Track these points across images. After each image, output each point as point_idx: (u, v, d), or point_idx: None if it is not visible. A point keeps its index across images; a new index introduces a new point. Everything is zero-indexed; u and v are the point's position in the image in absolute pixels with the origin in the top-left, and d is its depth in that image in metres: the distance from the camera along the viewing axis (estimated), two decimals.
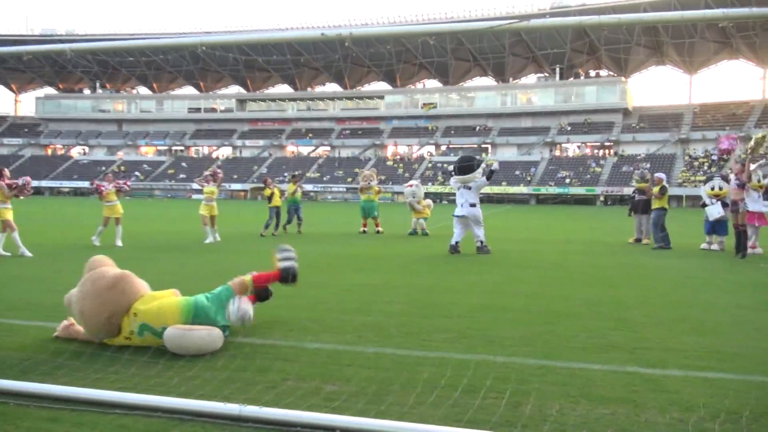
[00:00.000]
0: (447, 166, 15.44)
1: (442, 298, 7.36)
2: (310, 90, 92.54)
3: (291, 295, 7.29)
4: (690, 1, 54.41)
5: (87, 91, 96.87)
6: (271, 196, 17.66)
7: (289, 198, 18.29)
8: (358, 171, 71.88)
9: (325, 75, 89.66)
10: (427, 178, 68.72)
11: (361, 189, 19.15)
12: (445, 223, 20.67)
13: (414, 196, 18.36)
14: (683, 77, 79.98)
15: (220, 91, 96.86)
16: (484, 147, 77.43)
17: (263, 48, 77.19)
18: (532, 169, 71.01)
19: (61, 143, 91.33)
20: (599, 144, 74.45)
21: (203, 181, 16.04)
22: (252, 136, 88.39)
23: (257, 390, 3.90)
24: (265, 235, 16.67)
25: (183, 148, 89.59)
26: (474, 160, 13.50)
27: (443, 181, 60.36)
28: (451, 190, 15.27)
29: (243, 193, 76.11)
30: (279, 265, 5.69)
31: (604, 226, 24.39)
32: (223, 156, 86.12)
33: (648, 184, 15.48)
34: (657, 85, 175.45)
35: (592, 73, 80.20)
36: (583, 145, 75.63)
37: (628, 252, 13.65)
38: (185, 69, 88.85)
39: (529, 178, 69.23)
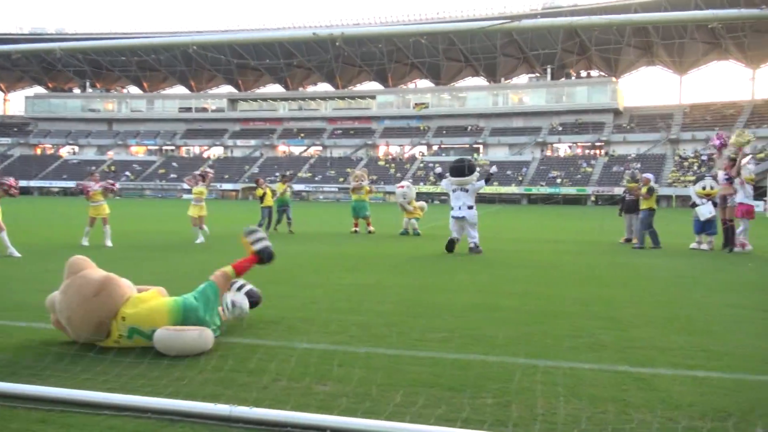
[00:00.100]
0: (435, 168, 15.36)
1: (433, 297, 7.36)
2: (301, 90, 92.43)
3: (282, 295, 7.29)
4: (680, 2, 54.71)
5: (77, 91, 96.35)
6: (263, 196, 17.65)
7: (278, 198, 18.26)
8: (349, 171, 72.00)
9: (316, 75, 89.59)
10: (419, 178, 68.81)
11: (353, 189, 19.10)
12: (437, 223, 20.68)
13: (405, 197, 18.34)
14: (673, 78, 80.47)
15: (211, 90, 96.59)
16: (475, 147, 77.62)
17: (255, 48, 77.06)
18: (524, 169, 71.23)
19: (51, 143, 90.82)
20: (590, 144, 74.78)
21: (192, 181, 15.90)
22: (243, 135, 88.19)
23: (248, 390, 3.89)
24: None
25: (174, 147, 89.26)
26: (469, 162, 13.54)
27: (435, 181, 60.42)
28: (443, 191, 15.29)
29: (234, 193, 75.92)
30: (254, 248, 5.65)
31: (595, 225, 24.47)
32: (214, 156, 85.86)
33: (637, 185, 15.54)
34: (647, 86, 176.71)
35: (583, 73, 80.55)
36: (574, 145, 75.94)
37: (619, 252, 13.71)
38: (176, 68, 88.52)
39: (520, 178, 69.45)
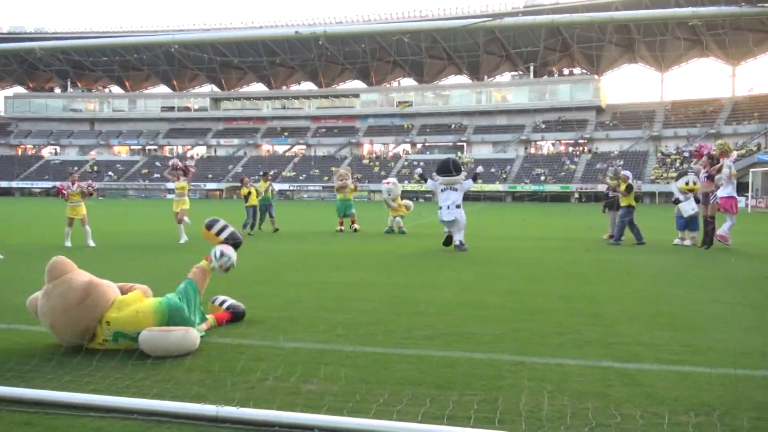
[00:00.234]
0: (417, 166, 15.39)
1: (419, 295, 7.38)
2: (285, 89, 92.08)
3: (268, 294, 7.27)
4: (661, 0, 55.18)
5: (58, 90, 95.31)
6: (248, 195, 17.53)
7: (262, 196, 18.18)
8: (333, 170, 71.85)
9: (300, 73, 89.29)
10: (404, 176, 68.84)
11: (338, 188, 19.02)
12: (423, 221, 20.73)
13: (389, 194, 18.38)
14: (655, 75, 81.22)
15: (194, 89, 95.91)
16: (459, 145, 77.79)
17: (237, 46, 76.59)
18: (508, 167, 71.50)
19: (32, 143, 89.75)
20: (573, 141, 75.21)
21: (173, 171, 15.60)
22: (227, 135, 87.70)
23: (234, 390, 3.87)
24: (242, 235, 16.50)
25: (157, 147, 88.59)
26: (455, 160, 13.84)
27: (418, 181, 60.52)
28: (427, 189, 15.45)
29: (218, 193, 75.52)
30: (221, 238, 5.67)
31: (579, 222, 24.63)
32: (197, 155, 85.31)
33: (616, 182, 15.67)
34: (629, 83, 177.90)
35: (566, 71, 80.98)
36: (558, 142, 76.35)
37: (603, 248, 13.80)
38: (158, 68, 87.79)
39: (504, 176, 69.70)
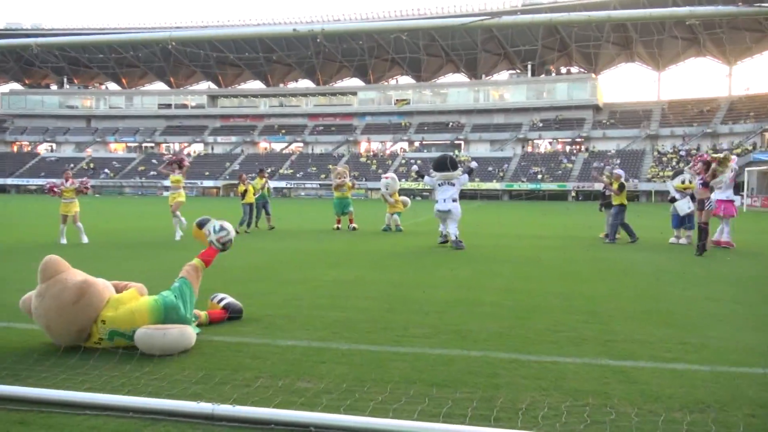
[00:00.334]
0: (413, 165, 15.39)
1: (415, 293, 7.38)
2: (282, 86, 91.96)
3: (264, 292, 7.26)
4: None
5: (54, 87, 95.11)
6: (245, 192, 17.47)
7: (260, 194, 18.15)
8: (330, 167, 71.76)
9: (297, 71, 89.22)
10: (401, 174, 68.83)
11: (335, 186, 18.84)
12: (420, 219, 20.73)
13: (387, 188, 18.37)
14: (652, 74, 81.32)
15: (190, 86, 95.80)
16: (457, 143, 77.82)
17: (234, 43, 76.56)
18: (505, 165, 71.56)
19: (28, 140, 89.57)
20: (570, 140, 75.29)
21: (169, 168, 15.47)
22: (224, 132, 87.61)
23: (230, 388, 3.87)
24: (239, 232, 16.47)
25: (153, 144, 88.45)
26: (451, 157, 14.20)
27: (415, 178, 60.55)
28: (425, 187, 15.71)
29: (215, 190, 75.46)
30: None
31: (576, 221, 24.66)
32: (194, 152, 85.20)
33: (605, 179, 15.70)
34: (626, 82, 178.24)
35: (563, 69, 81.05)
36: (555, 141, 76.43)
37: (599, 247, 13.82)
38: (155, 64, 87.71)
39: (501, 174, 69.75)
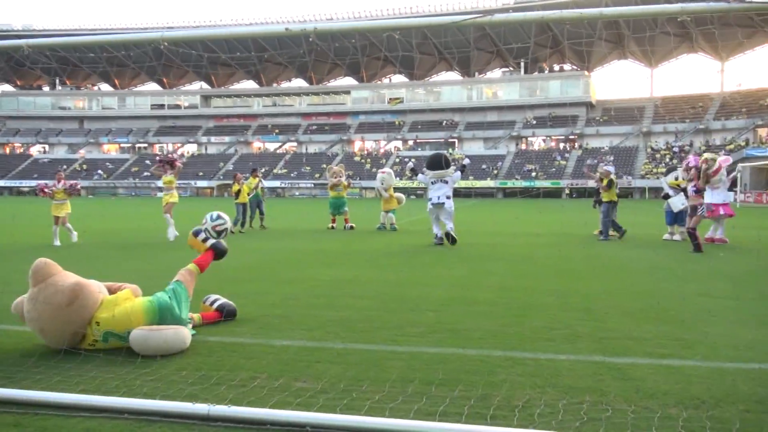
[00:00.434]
0: (408, 162, 15.50)
1: (411, 292, 7.37)
2: (275, 86, 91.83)
3: (260, 292, 7.25)
4: None
5: (46, 88, 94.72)
6: (239, 192, 17.42)
7: (253, 193, 18.12)
8: (325, 166, 71.61)
9: (290, 71, 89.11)
10: (395, 173, 68.75)
11: (331, 186, 18.70)
12: (415, 218, 20.73)
13: (383, 183, 18.39)
14: (644, 71, 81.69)
15: (183, 87, 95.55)
16: (450, 141, 77.87)
17: (227, 43, 76.41)
18: (499, 163, 71.65)
19: (20, 142, 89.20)
20: (564, 137, 75.45)
21: (161, 170, 15.31)
22: (217, 132, 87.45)
23: (226, 389, 3.86)
24: (234, 232, 16.43)
25: (147, 145, 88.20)
26: (444, 155, 14.40)
27: (410, 176, 60.58)
28: (419, 185, 15.92)
29: (209, 190, 75.31)
30: (207, 245, 5.69)
31: (571, 218, 24.70)
32: (188, 153, 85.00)
33: (597, 176, 15.73)
34: (619, 79, 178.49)
35: (556, 67, 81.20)
36: (549, 138, 76.58)
37: (594, 244, 13.85)
38: (148, 65, 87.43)
39: (495, 172, 69.84)
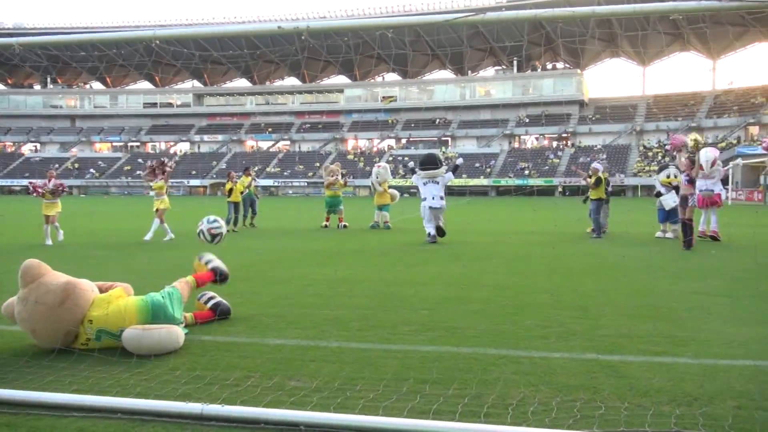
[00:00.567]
0: (408, 162, 15.62)
1: (405, 290, 7.38)
2: (268, 84, 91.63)
3: (253, 291, 7.23)
4: None
5: (37, 87, 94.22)
6: (231, 190, 17.32)
7: (248, 191, 18.06)
8: (318, 165, 71.54)
9: (283, 68, 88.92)
10: (390, 171, 68.76)
11: (327, 185, 18.49)
12: (408, 216, 20.74)
13: (378, 177, 18.41)
14: (637, 69, 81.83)
15: (176, 85, 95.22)
16: (444, 140, 77.92)
17: (220, 41, 76.21)
18: (492, 162, 71.75)
19: (11, 140, 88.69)
20: (557, 135, 75.61)
21: (151, 175, 15.02)
22: (210, 131, 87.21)
23: (219, 388, 3.85)
24: (228, 231, 16.34)
25: (139, 144, 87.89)
26: (436, 155, 14.56)
27: (404, 174, 60.58)
28: (413, 184, 16.05)
29: (202, 189, 75.11)
30: (209, 267, 5.88)
31: (564, 216, 24.75)
32: (180, 152, 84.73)
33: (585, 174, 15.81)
34: (612, 77, 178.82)
35: (549, 65, 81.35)
36: (541, 136, 76.73)
37: (587, 242, 13.89)
38: (140, 63, 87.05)
39: (489, 170, 69.93)
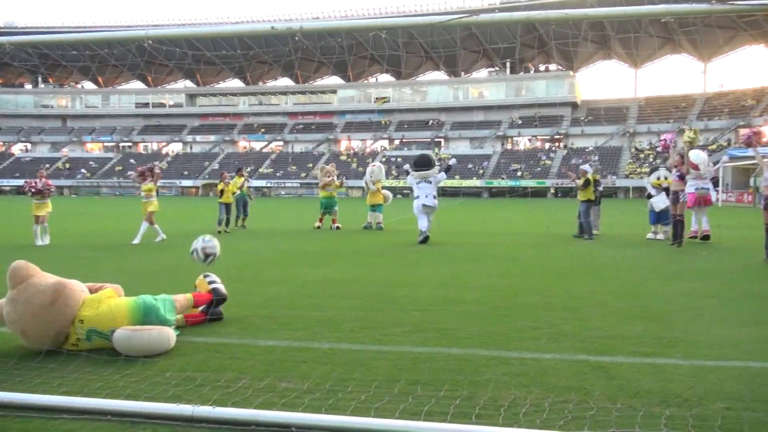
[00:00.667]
0: (404, 166, 15.77)
1: (397, 291, 7.38)
2: (261, 84, 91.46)
3: (245, 292, 7.22)
4: None
5: (28, 86, 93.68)
6: (222, 191, 17.25)
7: (240, 192, 18.01)
8: (311, 166, 71.41)
9: (276, 69, 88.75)
10: (384, 171, 68.66)
11: (322, 186, 18.34)
12: (401, 217, 20.76)
13: (372, 176, 18.40)
14: (629, 71, 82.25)
15: (168, 85, 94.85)
16: (437, 141, 77.99)
17: (212, 41, 76.00)
18: (485, 163, 71.84)
19: (2, 140, 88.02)
20: (549, 137, 75.79)
21: (140, 178, 14.85)
22: (203, 131, 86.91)
23: (210, 389, 3.84)
24: (221, 231, 16.34)
25: (131, 144, 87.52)
26: (429, 156, 14.60)
27: (397, 175, 60.62)
28: (406, 185, 16.15)
29: (194, 190, 74.86)
30: (209, 287, 5.83)
31: (556, 217, 24.80)
32: (173, 152, 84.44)
33: (595, 176, 15.85)
34: (604, 79, 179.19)
35: (542, 67, 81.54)
36: (534, 138, 76.90)
37: (578, 243, 13.93)
38: (132, 63, 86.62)
39: (481, 172, 70.01)
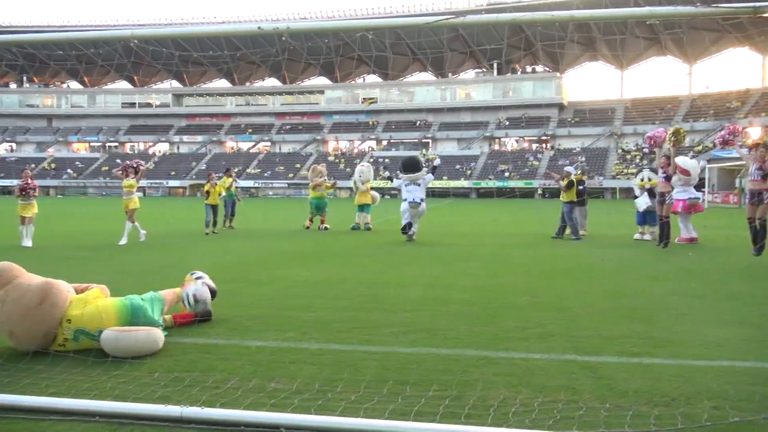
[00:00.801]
0: (386, 170, 15.76)
1: (385, 292, 7.39)
2: (248, 85, 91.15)
3: (233, 292, 7.19)
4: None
5: (13, 86, 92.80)
6: (209, 192, 17.14)
7: (228, 192, 17.96)
8: (299, 166, 71.22)
9: (263, 69, 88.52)
10: (372, 171, 68.64)
11: (313, 186, 18.18)
12: (389, 218, 20.76)
13: (361, 176, 18.43)
14: (615, 73, 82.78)
15: (155, 85, 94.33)
16: (424, 142, 78.09)
17: (199, 41, 75.67)
18: (472, 164, 72.03)
19: None
20: (536, 138, 76.15)
21: (122, 173, 14.60)
22: (190, 131, 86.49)
23: (199, 390, 3.83)
24: (208, 233, 16.27)
25: (117, 144, 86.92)
26: (417, 159, 14.98)
27: (386, 176, 60.61)
28: (393, 186, 16.21)
29: (181, 190, 74.49)
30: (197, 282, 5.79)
31: (543, 218, 24.92)
32: (160, 152, 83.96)
33: (581, 176, 15.97)
34: (590, 81, 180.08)
35: (529, 68, 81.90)
36: (521, 139, 77.22)
37: (566, 244, 14.00)
38: (118, 62, 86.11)
39: (469, 172, 70.19)
